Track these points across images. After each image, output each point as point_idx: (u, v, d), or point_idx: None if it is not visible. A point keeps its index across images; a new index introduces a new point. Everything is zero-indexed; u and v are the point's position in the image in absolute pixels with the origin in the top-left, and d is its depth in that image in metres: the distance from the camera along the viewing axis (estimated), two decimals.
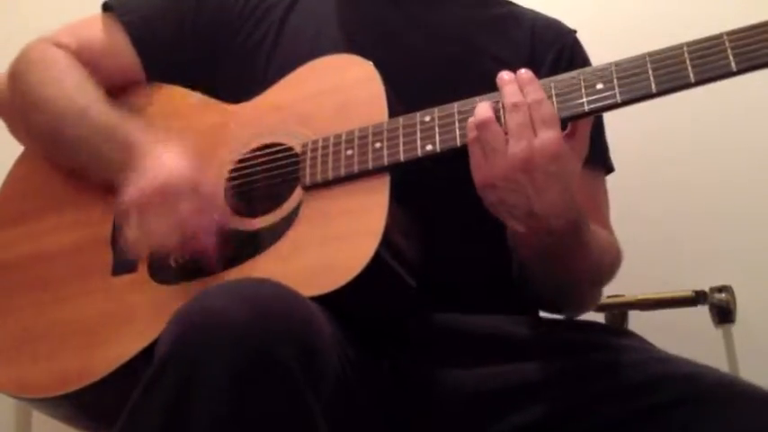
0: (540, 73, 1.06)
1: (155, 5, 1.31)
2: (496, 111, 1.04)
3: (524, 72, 1.04)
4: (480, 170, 1.03)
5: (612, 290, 1.30)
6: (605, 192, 1.32)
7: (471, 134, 1.03)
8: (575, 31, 1.35)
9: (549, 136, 1.00)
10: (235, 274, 1.09)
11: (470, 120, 1.04)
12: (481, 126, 1.02)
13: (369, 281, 1.02)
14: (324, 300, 0.98)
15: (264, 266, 1.08)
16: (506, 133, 1.02)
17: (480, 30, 1.31)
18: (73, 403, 1.14)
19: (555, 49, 1.29)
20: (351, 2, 1.32)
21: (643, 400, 1.00)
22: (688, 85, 0.98)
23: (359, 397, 1.02)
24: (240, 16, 1.30)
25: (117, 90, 1.27)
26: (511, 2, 1.39)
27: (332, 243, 1.06)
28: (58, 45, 1.29)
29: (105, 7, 1.32)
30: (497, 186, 1.02)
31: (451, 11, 1.32)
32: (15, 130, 1.32)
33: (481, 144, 1.02)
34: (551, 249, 1.08)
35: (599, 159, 1.28)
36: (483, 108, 1.03)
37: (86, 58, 1.27)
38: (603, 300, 1.67)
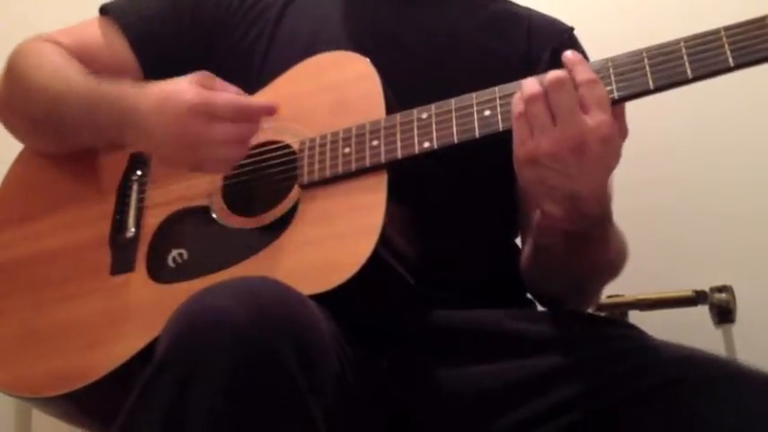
0: (537, 71, 1.06)
1: (152, 7, 1.32)
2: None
3: (570, 53, 1.02)
4: (524, 146, 0.99)
5: (612, 290, 1.30)
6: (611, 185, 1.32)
7: (518, 108, 1.00)
8: (572, 29, 1.35)
9: (603, 118, 0.97)
10: (233, 272, 1.09)
11: (517, 95, 1.01)
12: (530, 100, 0.99)
13: (367, 279, 1.02)
14: (323, 298, 0.98)
15: (263, 265, 1.08)
16: (551, 108, 0.98)
17: (478, 28, 1.31)
18: (73, 402, 1.14)
19: (551, 47, 1.29)
20: (348, 1, 1.32)
21: (641, 383, 1.00)
22: (685, 81, 0.98)
23: (358, 395, 1.01)
24: (236, 15, 1.30)
25: None
26: (508, 0, 1.39)
27: (330, 241, 1.06)
28: (53, 42, 1.30)
29: (103, 10, 1.33)
30: (541, 164, 0.99)
31: (449, 9, 1.32)
32: (14, 125, 1.32)
33: (528, 119, 0.99)
34: (581, 235, 1.06)
35: None
36: (531, 83, 1.00)
37: (83, 59, 1.27)
38: (603, 300, 1.68)
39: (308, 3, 1.31)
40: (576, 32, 1.35)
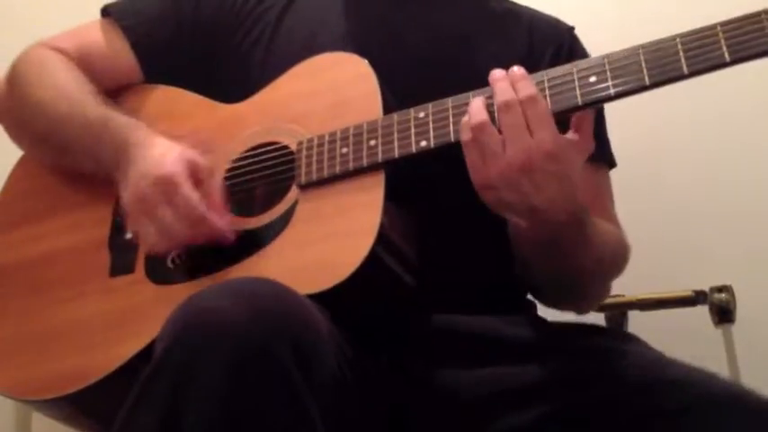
0: (539, 70, 1.06)
1: (153, 9, 1.32)
2: (490, 109, 1.03)
3: (516, 69, 1.04)
4: (478, 172, 1.03)
5: (612, 290, 1.30)
6: (609, 186, 1.32)
7: (466, 136, 1.03)
8: (573, 28, 1.35)
9: (544, 135, 1.00)
10: (232, 273, 1.09)
11: (464, 120, 1.03)
12: (476, 129, 1.02)
13: (365, 279, 1.02)
14: (321, 298, 0.98)
15: (261, 265, 1.08)
16: (500, 131, 1.01)
17: (479, 28, 1.32)
18: (72, 404, 1.14)
19: (553, 46, 1.30)
20: (350, 1, 1.32)
21: (642, 406, 1.00)
22: (681, 77, 0.98)
23: (356, 395, 1.01)
24: (237, 17, 1.30)
25: (114, 91, 1.28)
26: (509, 0, 1.40)
27: (328, 241, 1.06)
28: (57, 49, 1.30)
29: (104, 12, 1.33)
30: (495, 187, 1.02)
31: (450, 9, 1.32)
32: (15, 135, 1.32)
33: (478, 146, 1.02)
34: (553, 242, 1.07)
35: (602, 154, 1.28)
36: (477, 109, 1.03)
37: (85, 62, 1.28)
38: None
39: (308, 4, 1.32)
40: (577, 31, 1.35)
